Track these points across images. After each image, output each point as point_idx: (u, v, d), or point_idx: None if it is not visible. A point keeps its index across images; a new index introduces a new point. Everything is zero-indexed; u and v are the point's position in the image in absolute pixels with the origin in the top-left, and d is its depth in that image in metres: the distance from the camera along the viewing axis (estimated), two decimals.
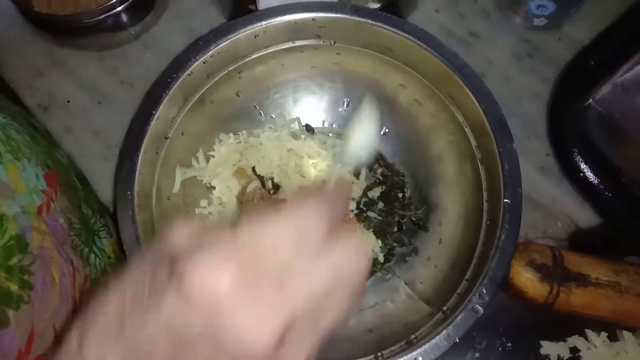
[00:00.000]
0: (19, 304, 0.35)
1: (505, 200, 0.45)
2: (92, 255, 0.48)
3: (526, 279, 0.48)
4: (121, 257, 0.50)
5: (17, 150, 0.41)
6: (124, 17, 0.61)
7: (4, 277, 0.34)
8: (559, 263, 0.49)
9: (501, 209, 0.45)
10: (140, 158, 0.47)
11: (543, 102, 0.60)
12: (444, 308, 0.46)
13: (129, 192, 0.45)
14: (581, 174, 0.48)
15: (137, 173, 0.46)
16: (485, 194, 0.49)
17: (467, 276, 0.47)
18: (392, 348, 0.46)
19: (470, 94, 0.48)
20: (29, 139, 0.45)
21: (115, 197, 0.46)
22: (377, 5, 0.64)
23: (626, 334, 0.52)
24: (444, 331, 0.43)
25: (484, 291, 0.44)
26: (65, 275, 0.42)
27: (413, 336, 0.46)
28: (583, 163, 0.48)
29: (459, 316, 0.43)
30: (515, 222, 0.45)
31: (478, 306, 0.43)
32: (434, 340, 0.43)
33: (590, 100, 0.44)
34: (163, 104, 0.49)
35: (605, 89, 0.44)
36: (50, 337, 0.37)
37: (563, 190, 0.58)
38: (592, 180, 0.48)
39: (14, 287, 0.35)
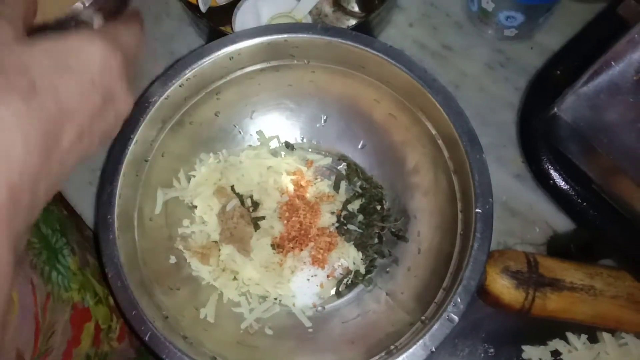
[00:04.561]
0: None
1: (476, 209, 0.47)
2: (55, 273, 0.48)
3: (502, 286, 0.49)
4: (101, 278, 0.51)
5: None
6: None
7: None
8: (533, 269, 0.50)
9: (473, 219, 0.46)
10: (120, 182, 0.48)
11: (517, 110, 0.62)
12: (422, 317, 0.47)
13: (109, 216, 0.47)
14: (551, 182, 0.49)
15: (116, 197, 0.47)
16: (459, 204, 0.50)
17: (444, 285, 0.48)
18: (373, 359, 0.47)
19: (440, 108, 0.49)
20: None
21: (97, 221, 0.47)
22: (352, 22, 0.65)
23: (606, 336, 0.53)
24: (420, 341, 0.44)
25: (459, 300, 0.45)
26: (25, 295, 0.42)
27: (393, 346, 0.47)
28: (553, 171, 0.49)
29: (435, 325, 0.44)
30: (486, 231, 0.46)
31: (453, 315, 0.44)
32: (410, 350, 0.44)
33: (555, 109, 0.45)
34: (141, 127, 0.50)
35: (569, 98, 0.45)
36: (13, 357, 0.38)
37: (539, 196, 0.59)
38: (562, 187, 0.49)
39: None
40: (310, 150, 0.60)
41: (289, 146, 0.59)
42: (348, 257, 0.56)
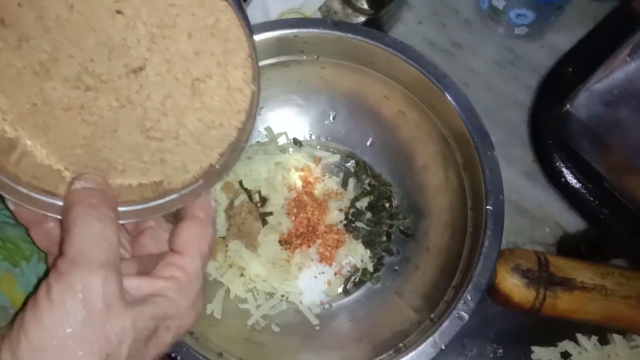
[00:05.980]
0: None
1: (487, 207, 0.46)
2: None
3: (512, 285, 0.48)
4: None
5: (14, 252, 0.38)
6: None
7: None
8: (544, 268, 0.49)
9: (484, 216, 0.46)
10: None
11: (526, 109, 0.61)
12: (432, 315, 0.47)
13: None
14: (563, 180, 0.49)
15: None
16: (469, 202, 0.49)
17: (453, 283, 0.48)
18: (381, 357, 0.46)
19: (451, 104, 0.49)
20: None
21: None
22: (362, 19, 0.65)
23: (617, 337, 0.52)
24: (430, 338, 0.43)
25: (469, 297, 0.44)
26: None
27: (401, 344, 0.46)
28: (564, 168, 0.49)
29: (445, 323, 0.44)
30: (497, 228, 0.45)
31: (463, 313, 0.44)
32: (420, 348, 0.43)
33: (568, 106, 0.45)
34: None
35: (581, 95, 0.44)
36: None
37: (549, 195, 0.58)
38: (574, 185, 0.49)
39: None
40: (318, 147, 0.60)
41: (297, 142, 0.59)
42: (356, 254, 0.55)
